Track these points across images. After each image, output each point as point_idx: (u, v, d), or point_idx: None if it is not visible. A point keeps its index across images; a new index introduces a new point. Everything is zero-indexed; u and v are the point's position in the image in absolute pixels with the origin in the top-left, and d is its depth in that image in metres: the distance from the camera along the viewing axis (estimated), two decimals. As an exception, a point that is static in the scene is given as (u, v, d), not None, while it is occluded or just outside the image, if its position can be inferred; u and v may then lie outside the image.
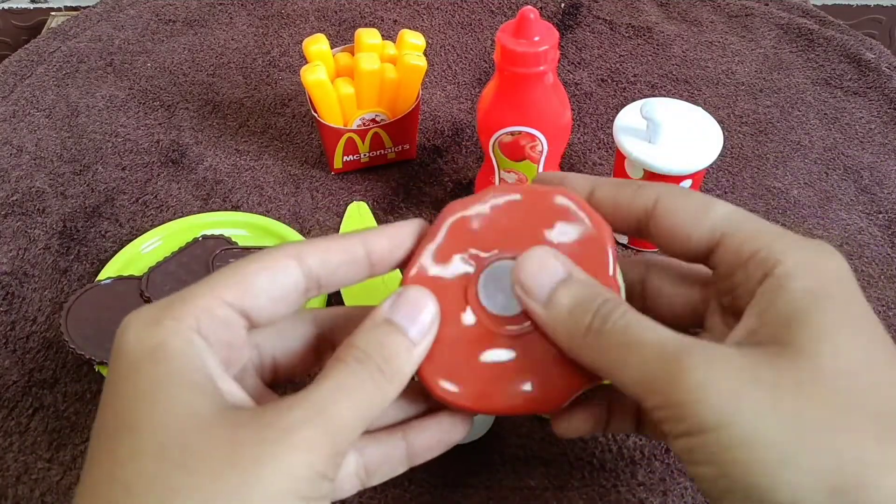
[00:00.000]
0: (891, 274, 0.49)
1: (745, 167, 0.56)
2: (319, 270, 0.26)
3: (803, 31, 0.69)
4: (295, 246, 0.26)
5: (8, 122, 0.59)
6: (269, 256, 0.25)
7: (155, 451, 0.21)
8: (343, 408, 0.23)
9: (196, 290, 0.24)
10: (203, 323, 0.23)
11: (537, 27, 0.41)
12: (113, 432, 0.22)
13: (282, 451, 0.21)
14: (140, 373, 0.22)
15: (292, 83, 0.64)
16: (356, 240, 0.27)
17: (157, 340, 0.23)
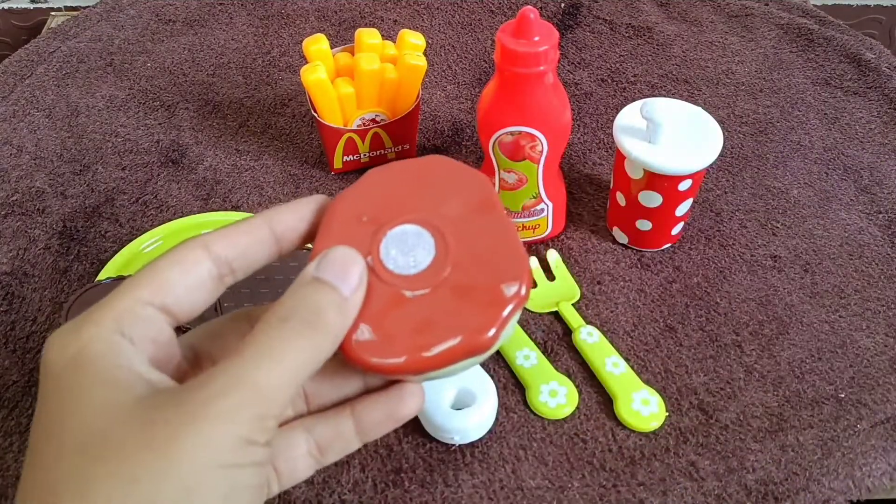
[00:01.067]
0: (891, 274, 0.49)
1: (745, 167, 0.56)
2: (228, 254, 0.26)
3: (803, 31, 0.69)
4: (202, 236, 0.26)
5: (8, 122, 0.59)
6: (179, 250, 0.25)
7: (76, 450, 0.21)
8: (266, 370, 0.23)
9: (114, 294, 0.24)
10: (125, 324, 0.24)
11: (537, 27, 0.41)
12: (36, 441, 0.22)
13: (198, 424, 0.21)
14: (61, 381, 0.23)
15: (292, 83, 0.64)
16: (259, 220, 0.27)
17: (76, 347, 0.23)
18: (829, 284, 0.48)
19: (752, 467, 0.39)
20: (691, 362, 0.43)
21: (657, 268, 0.49)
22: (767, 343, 0.44)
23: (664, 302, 0.47)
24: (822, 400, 0.42)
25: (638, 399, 0.41)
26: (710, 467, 0.39)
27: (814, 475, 0.38)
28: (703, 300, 0.47)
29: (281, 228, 0.27)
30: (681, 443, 0.40)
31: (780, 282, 0.48)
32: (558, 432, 0.40)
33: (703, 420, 0.41)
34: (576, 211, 0.53)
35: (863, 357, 0.44)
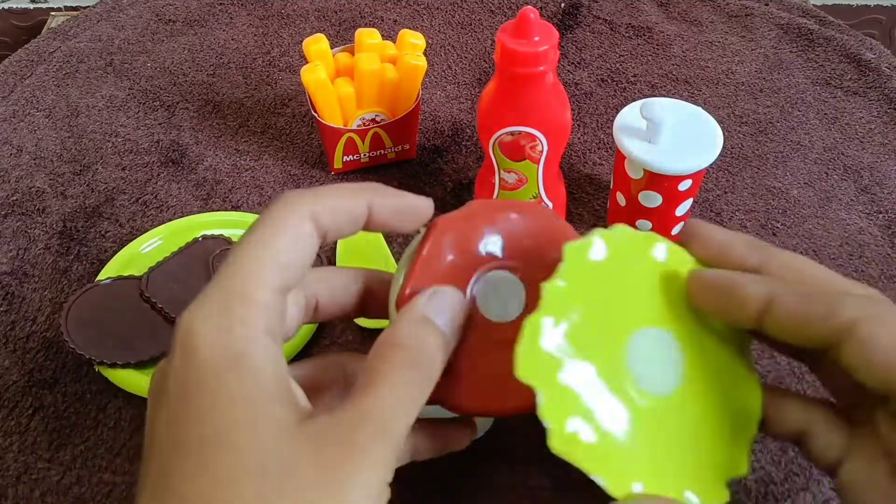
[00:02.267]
0: (891, 274, 0.49)
1: (745, 167, 0.56)
2: (329, 226, 0.26)
3: (803, 31, 0.69)
4: (306, 203, 0.25)
5: (8, 122, 0.59)
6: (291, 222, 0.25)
7: (256, 470, 0.20)
8: (401, 419, 0.23)
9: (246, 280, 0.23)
10: (272, 324, 0.23)
11: (537, 27, 0.41)
12: (198, 447, 0.21)
13: (361, 469, 0.22)
14: (225, 384, 0.22)
15: (292, 83, 0.64)
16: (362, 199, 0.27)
17: (237, 349, 0.22)
18: (829, 284, 0.47)
19: (752, 467, 0.39)
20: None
21: (657, 268, 0.49)
22: (767, 343, 0.44)
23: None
24: (822, 400, 0.42)
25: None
26: (710, 467, 0.39)
27: (814, 475, 0.38)
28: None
29: (378, 213, 0.27)
30: (681, 443, 0.40)
31: (780, 282, 0.48)
32: (558, 432, 0.40)
33: (703, 420, 0.41)
34: (576, 211, 0.53)
35: (863, 357, 0.44)
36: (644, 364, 0.26)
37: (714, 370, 0.27)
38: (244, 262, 0.24)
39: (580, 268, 0.26)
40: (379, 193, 0.27)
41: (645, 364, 0.26)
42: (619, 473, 0.24)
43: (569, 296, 0.26)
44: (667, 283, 0.28)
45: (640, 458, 0.25)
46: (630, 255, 0.27)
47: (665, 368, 0.26)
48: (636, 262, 0.27)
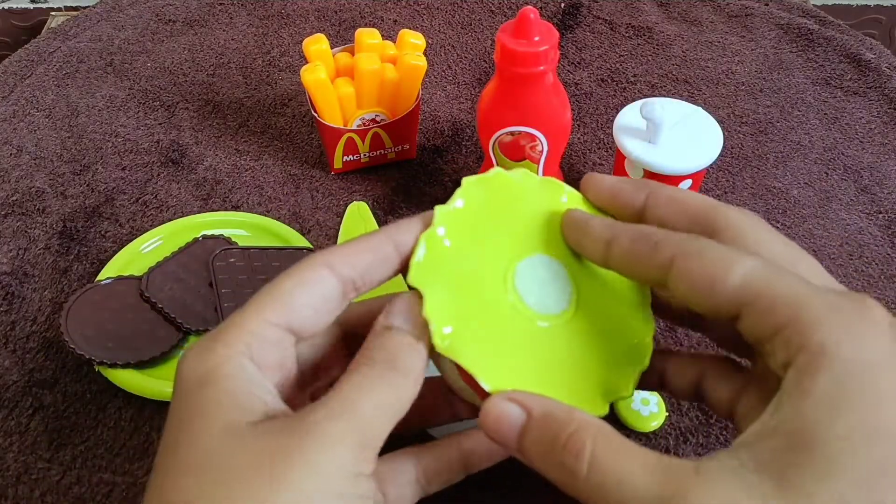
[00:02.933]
0: (891, 274, 0.49)
1: (745, 167, 0.56)
2: (352, 274, 0.27)
3: (803, 31, 0.69)
4: (324, 254, 0.27)
5: (8, 122, 0.59)
6: (303, 270, 0.26)
7: (196, 468, 0.22)
8: (365, 403, 0.24)
9: (243, 314, 0.25)
10: (254, 347, 0.25)
11: (537, 27, 0.41)
12: (161, 454, 0.23)
13: (308, 449, 0.22)
14: (190, 397, 0.24)
15: (292, 83, 0.64)
16: (383, 236, 0.27)
17: (208, 366, 0.24)
18: (829, 284, 0.47)
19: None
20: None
21: (657, 268, 0.49)
22: (767, 343, 0.44)
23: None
24: (822, 400, 0.42)
25: (638, 399, 0.41)
26: (710, 467, 0.39)
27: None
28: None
29: (406, 247, 0.28)
30: (681, 443, 0.40)
31: (780, 282, 0.48)
32: (558, 432, 0.40)
33: (703, 420, 0.41)
34: (576, 211, 0.53)
35: (863, 357, 0.44)
36: (532, 285, 0.28)
37: (604, 300, 0.29)
38: (249, 302, 0.26)
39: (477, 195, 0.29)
40: (399, 227, 0.28)
41: (533, 285, 0.28)
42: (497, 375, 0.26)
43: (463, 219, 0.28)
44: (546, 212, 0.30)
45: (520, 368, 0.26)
46: (532, 193, 0.30)
47: (554, 292, 0.28)
48: (538, 201, 0.30)
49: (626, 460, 0.22)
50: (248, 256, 0.45)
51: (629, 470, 0.22)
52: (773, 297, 0.23)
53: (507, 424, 0.25)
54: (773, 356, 0.23)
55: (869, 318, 0.22)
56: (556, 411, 0.24)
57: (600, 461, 0.22)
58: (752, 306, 0.23)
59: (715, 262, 0.24)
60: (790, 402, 0.21)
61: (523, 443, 0.24)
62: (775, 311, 0.23)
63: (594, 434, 0.23)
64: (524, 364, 0.27)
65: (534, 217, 0.29)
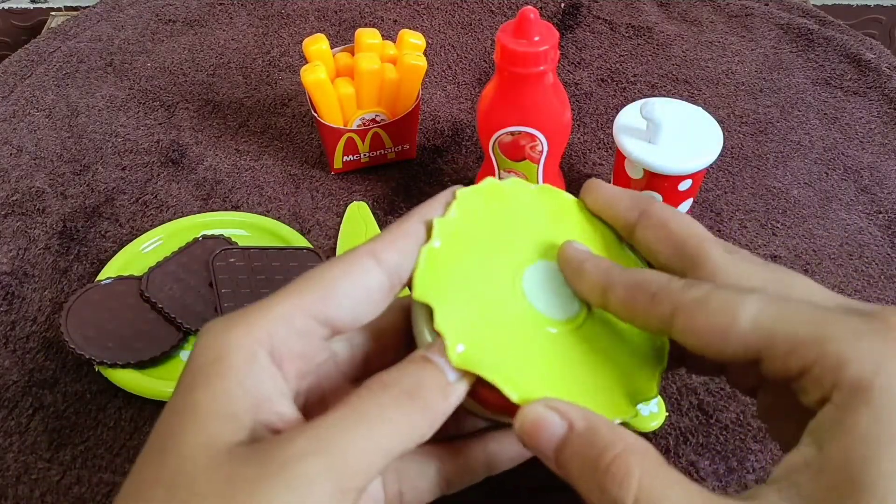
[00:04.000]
0: (891, 274, 0.49)
1: (745, 167, 0.56)
2: (398, 261, 0.25)
3: (803, 31, 0.69)
4: (369, 244, 0.25)
5: (8, 122, 0.59)
6: (348, 260, 0.25)
7: (168, 484, 0.21)
8: (356, 438, 0.21)
9: (278, 297, 0.23)
10: (277, 334, 0.23)
11: (537, 27, 0.41)
12: (148, 452, 0.22)
13: (274, 489, 0.20)
14: (190, 393, 0.22)
15: (292, 83, 0.64)
16: (416, 218, 0.26)
17: (219, 352, 0.22)
18: (829, 284, 0.47)
19: (752, 467, 0.39)
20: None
21: (657, 268, 0.49)
22: (767, 343, 0.44)
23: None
24: (822, 400, 0.42)
25: (638, 399, 0.41)
26: (710, 467, 0.39)
27: (814, 475, 0.38)
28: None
29: None
30: (681, 443, 0.40)
31: (780, 282, 0.48)
32: (558, 432, 0.40)
33: (703, 420, 0.41)
34: (576, 211, 0.53)
35: (863, 357, 0.44)
36: (541, 292, 0.27)
37: None
38: (286, 286, 0.24)
39: (473, 206, 0.28)
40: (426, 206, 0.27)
41: (541, 292, 0.27)
42: (519, 385, 0.25)
43: (461, 230, 0.27)
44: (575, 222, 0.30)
45: (541, 377, 0.26)
46: (528, 200, 0.30)
47: (563, 297, 0.28)
48: (536, 208, 0.30)
49: (673, 495, 0.20)
50: (248, 256, 0.45)
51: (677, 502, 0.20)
52: (791, 337, 0.22)
53: (547, 434, 0.23)
54: (805, 394, 0.22)
55: (893, 339, 0.21)
56: (600, 427, 0.23)
57: (646, 494, 0.21)
58: (770, 350, 0.22)
59: (719, 311, 0.23)
60: (834, 439, 0.21)
61: (561, 456, 0.23)
62: (797, 351, 0.21)
63: (641, 461, 0.21)
64: (544, 372, 0.26)
65: (534, 224, 0.29)
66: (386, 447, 0.22)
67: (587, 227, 0.30)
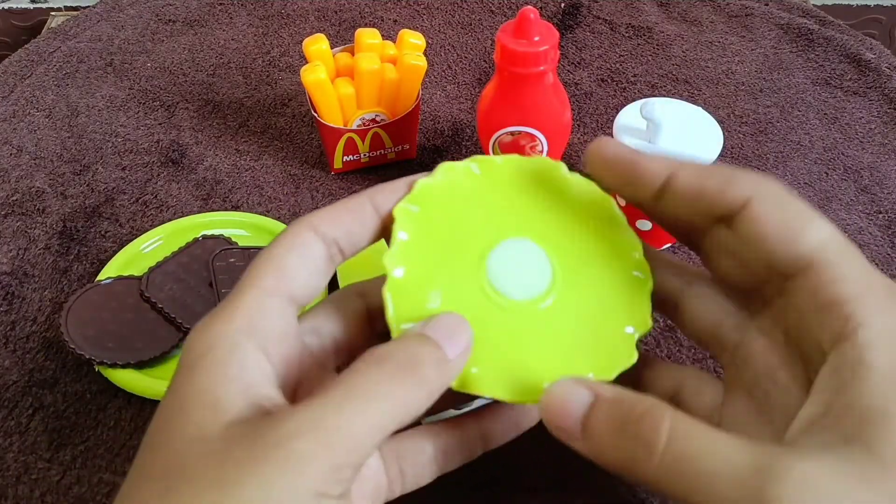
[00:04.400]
0: (891, 274, 0.49)
1: (744, 167, 0.56)
2: (336, 234, 0.26)
3: (803, 31, 0.69)
4: (308, 217, 0.26)
5: (8, 122, 0.59)
6: (290, 235, 0.25)
7: (162, 473, 0.21)
8: (350, 414, 0.21)
9: (244, 287, 0.24)
10: (256, 320, 0.23)
11: (537, 27, 0.41)
12: (142, 448, 0.22)
13: (270, 467, 0.20)
14: (178, 389, 0.22)
15: (292, 83, 0.64)
16: (363, 198, 0.27)
17: (203, 348, 0.23)
18: (829, 284, 0.48)
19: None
20: (691, 362, 0.43)
21: (657, 268, 0.49)
22: (767, 343, 0.44)
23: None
24: (822, 400, 0.42)
25: (638, 399, 0.41)
26: (710, 467, 0.39)
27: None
28: (703, 300, 0.47)
29: (385, 207, 0.27)
30: (681, 443, 0.40)
31: (780, 282, 0.48)
32: (558, 432, 0.40)
33: (703, 420, 0.41)
34: (576, 211, 0.53)
35: (863, 357, 0.44)
36: (507, 274, 0.27)
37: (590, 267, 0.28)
38: (243, 275, 0.25)
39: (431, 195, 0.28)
40: (376, 188, 0.27)
41: (508, 274, 0.27)
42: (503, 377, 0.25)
43: (423, 219, 0.27)
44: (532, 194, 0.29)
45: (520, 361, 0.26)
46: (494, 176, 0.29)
47: (532, 273, 0.27)
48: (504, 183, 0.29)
49: (709, 435, 0.21)
50: (248, 256, 0.45)
51: (713, 443, 0.21)
52: (844, 269, 0.22)
53: (574, 405, 0.23)
54: (824, 325, 0.22)
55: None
56: (628, 393, 0.23)
57: (680, 433, 0.21)
58: (819, 271, 0.23)
59: (795, 215, 0.24)
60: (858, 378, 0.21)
61: (589, 423, 0.23)
62: (844, 282, 0.22)
63: (670, 411, 0.22)
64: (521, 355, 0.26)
65: (499, 202, 0.28)
66: (380, 423, 0.22)
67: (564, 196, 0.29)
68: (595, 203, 0.29)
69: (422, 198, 0.28)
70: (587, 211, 0.29)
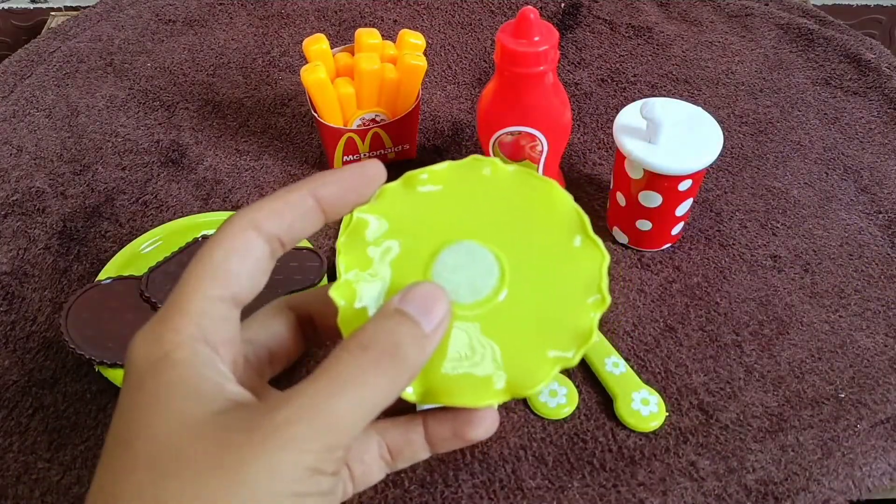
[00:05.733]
0: (891, 274, 0.49)
1: (745, 167, 0.56)
2: (278, 231, 0.26)
3: (803, 31, 0.69)
4: (246, 214, 0.26)
5: (8, 122, 0.59)
6: (228, 235, 0.25)
7: (147, 463, 0.21)
8: (339, 401, 0.22)
9: (184, 293, 0.24)
10: (205, 327, 0.24)
11: (537, 27, 0.41)
12: (112, 447, 0.22)
13: (267, 450, 0.21)
14: (142, 387, 0.23)
15: (292, 83, 0.64)
16: (304, 191, 0.26)
17: (159, 354, 0.23)
18: (829, 284, 0.48)
19: (752, 467, 0.39)
20: (691, 362, 0.43)
21: (657, 268, 0.49)
22: (767, 343, 0.44)
23: (664, 302, 0.47)
24: (822, 400, 0.42)
25: (638, 399, 0.41)
26: (710, 467, 0.39)
27: (814, 475, 0.38)
28: (703, 300, 0.47)
29: (328, 201, 0.27)
30: (681, 443, 0.40)
31: (780, 282, 0.48)
32: (558, 432, 0.40)
33: (703, 420, 0.41)
34: (576, 211, 0.53)
35: (863, 357, 0.44)
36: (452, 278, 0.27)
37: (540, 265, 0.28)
38: (184, 279, 0.25)
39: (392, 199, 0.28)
40: (319, 180, 0.27)
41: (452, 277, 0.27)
42: None
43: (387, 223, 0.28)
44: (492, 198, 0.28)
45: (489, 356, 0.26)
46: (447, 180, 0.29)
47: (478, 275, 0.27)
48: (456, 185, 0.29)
49: None
50: (248, 256, 0.45)
51: None
52: None
53: None
54: None
55: None
56: None
57: None
58: None
59: None
60: None
61: None
62: None
63: None
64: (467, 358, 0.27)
65: (453, 203, 0.28)
66: (369, 406, 0.23)
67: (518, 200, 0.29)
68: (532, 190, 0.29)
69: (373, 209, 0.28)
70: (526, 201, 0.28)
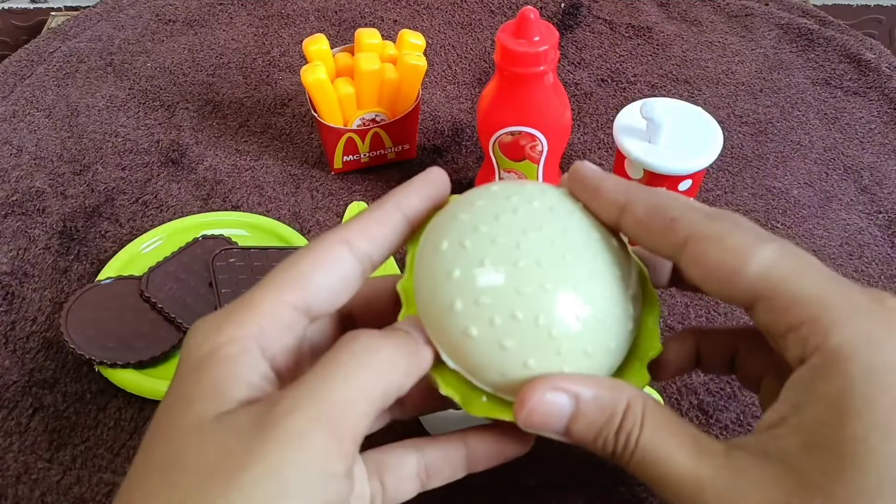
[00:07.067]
0: (891, 274, 0.49)
1: (745, 167, 0.56)
2: (370, 249, 0.26)
3: (803, 31, 0.69)
4: (340, 232, 0.25)
5: (8, 122, 0.59)
6: (321, 250, 0.25)
7: (159, 469, 0.21)
8: (338, 386, 0.22)
9: (259, 293, 0.24)
10: (267, 330, 0.23)
11: (537, 27, 0.41)
12: (141, 447, 0.22)
13: (268, 448, 0.20)
14: (179, 387, 0.22)
15: (292, 83, 0.64)
16: (391, 206, 0.27)
17: (213, 345, 0.23)
18: (829, 284, 0.47)
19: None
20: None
21: (657, 268, 0.49)
22: (767, 343, 0.44)
23: (664, 302, 0.47)
24: (822, 400, 0.42)
25: (638, 399, 0.41)
26: (710, 467, 0.39)
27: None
28: (703, 300, 0.47)
29: (412, 213, 0.27)
30: (681, 443, 0.40)
31: (780, 282, 0.48)
32: (558, 432, 0.40)
33: (703, 420, 0.41)
34: (576, 211, 0.53)
35: (863, 357, 0.44)
36: None
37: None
38: (264, 280, 0.24)
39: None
40: (400, 193, 0.27)
41: None
42: None
43: None
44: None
45: None
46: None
47: None
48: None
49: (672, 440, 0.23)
50: (248, 256, 0.45)
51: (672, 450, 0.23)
52: (792, 296, 0.22)
53: (557, 416, 0.25)
54: (787, 350, 0.23)
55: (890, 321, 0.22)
56: (604, 392, 0.25)
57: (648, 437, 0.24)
58: (770, 300, 0.23)
59: (733, 250, 0.23)
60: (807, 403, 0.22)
61: (573, 429, 0.25)
62: (794, 308, 0.22)
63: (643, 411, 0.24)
64: None
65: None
66: (370, 392, 0.22)
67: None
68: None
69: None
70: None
